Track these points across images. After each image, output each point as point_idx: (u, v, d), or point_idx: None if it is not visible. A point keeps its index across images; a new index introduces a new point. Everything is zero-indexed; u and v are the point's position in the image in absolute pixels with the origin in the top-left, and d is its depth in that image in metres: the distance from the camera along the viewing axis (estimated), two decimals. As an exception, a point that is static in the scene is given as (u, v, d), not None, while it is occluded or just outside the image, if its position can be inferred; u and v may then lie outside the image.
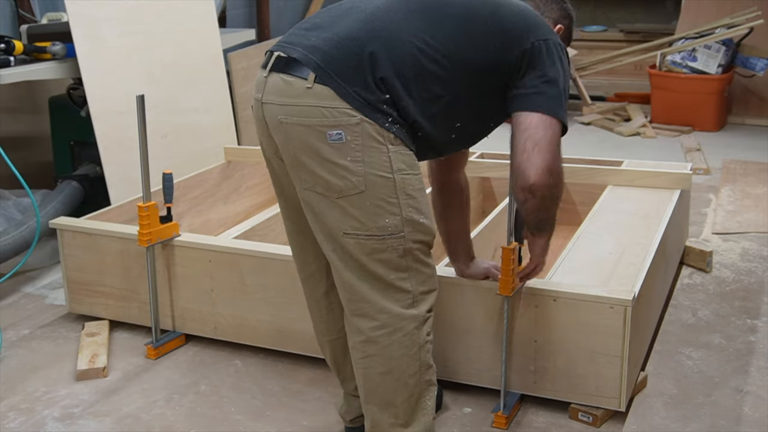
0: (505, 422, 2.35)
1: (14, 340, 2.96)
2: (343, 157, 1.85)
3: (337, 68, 1.84)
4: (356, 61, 1.85)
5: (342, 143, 1.84)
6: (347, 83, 1.84)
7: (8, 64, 3.37)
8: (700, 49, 5.94)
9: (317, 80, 1.84)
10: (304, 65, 1.86)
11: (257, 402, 2.54)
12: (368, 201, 1.87)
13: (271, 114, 1.91)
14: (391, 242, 1.90)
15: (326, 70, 1.84)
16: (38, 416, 2.48)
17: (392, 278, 1.93)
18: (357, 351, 2.01)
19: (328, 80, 1.83)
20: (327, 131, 1.84)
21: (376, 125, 1.85)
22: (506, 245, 2.25)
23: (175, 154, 3.80)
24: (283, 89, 1.88)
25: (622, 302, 2.26)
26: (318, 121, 1.84)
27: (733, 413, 2.39)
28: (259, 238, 3.06)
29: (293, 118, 1.87)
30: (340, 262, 1.94)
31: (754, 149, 5.42)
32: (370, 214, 1.87)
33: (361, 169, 1.85)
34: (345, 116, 1.83)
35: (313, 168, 1.87)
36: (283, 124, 1.88)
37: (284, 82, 1.88)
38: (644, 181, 3.36)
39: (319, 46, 1.88)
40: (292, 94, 1.87)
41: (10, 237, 3.25)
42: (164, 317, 2.89)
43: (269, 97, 1.92)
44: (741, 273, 3.38)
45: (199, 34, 4.06)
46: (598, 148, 5.48)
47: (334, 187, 1.87)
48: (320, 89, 1.84)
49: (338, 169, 1.85)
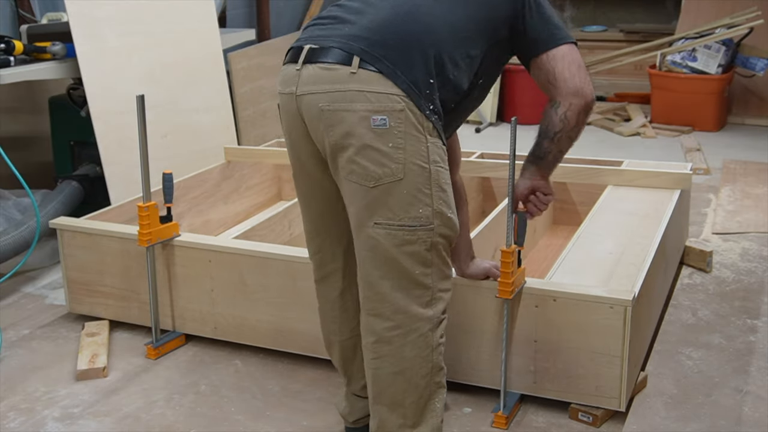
0: (505, 422, 2.35)
1: (14, 340, 2.96)
2: (385, 143, 1.85)
3: (383, 51, 1.86)
4: (401, 44, 1.87)
5: (385, 129, 1.84)
6: (394, 65, 1.85)
7: (8, 64, 3.37)
8: (700, 49, 5.94)
9: (361, 65, 1.85)
10: (345, 52, 1.86)
11: (257, 402, 2.54)
12: (405, 189, 1.87)
13: (311, 103, 1.89)
14: (421, 234, 1.90)
15: (372, 53, 1.85)
16: (38, 416, 2.48)
17: (417, 273, 1.93)
18: (369, 351, 2.01)
19: (374, 62, 1.85)
20: (371, 116, 1.84)
21: (418, 112, 1.86)
22: (506, 248, 2.25)
23: (175, 154, 3.80)
24: (323, 76, 1.87)
25: (622, 302, 2.27)
26: (362, 106, 1.84)
27: (733, 413, 2.39)
28: (259, 238, 3.06)
29: (336, 104, 1.86)
30: (368, 253, 1.93)
31: (754, 149, 5.42)
32: (404, 203, 1.88)
33: (402, 156, 1.85)
34: (390, 101, 1.84)
35: (352, 155, 1.86)
36: (325, 112, 1.87)
37: (325, 70, 1.87)
38: (644, 181, 3.36)
39: (357, 33, 1.89)
40: (334, 80, 1.86)
41: (10, 237, 3.25)
42: (164, 317, 2.89)
43: (306, 87, 1.90)
44: (741, 273, 3.38)
45: (199, 34, 4.06)
46: (598, 148, 5.48)
47: (372, 175, 1.86)
48: (365, 74, 1.84)
49: (379, 156, 1.85)
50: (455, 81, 1.94)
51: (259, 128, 5.37)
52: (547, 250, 3.58)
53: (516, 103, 6.10)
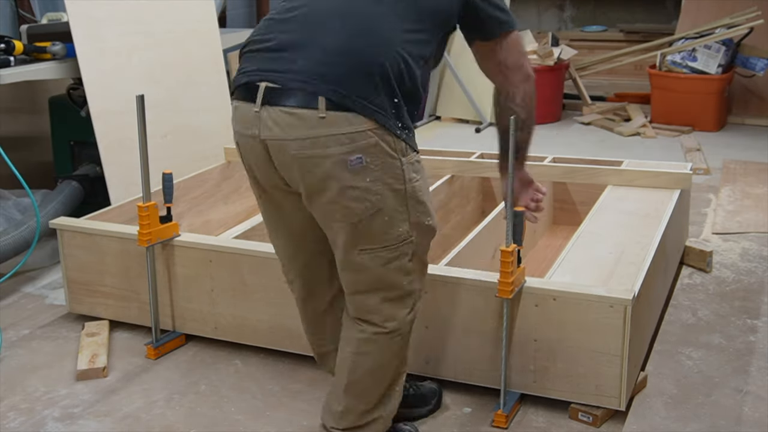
0: (505, 421, 2.35)
1: (14, 340, 2.96)
2: (363, 180, 1.85)
3: (347, 84, 1.81)
4: (361, 68, 1.82)
5: (362, 166, 1.84)
6: (360, 96, 1.81)
7: (8, 64, 3.37)
8: (700, 49, 5.94)
9: (329, 107, 1.80)
10: (309, 93, 1.81)
11: (257, 402, 2.54)
12: (386, 216, 1.90)
13: (281, 149, 1.86)
14: (403, 248, 1.94)
15: (337, 90, 1.80)
16: (38, 416, 2.48)
17: (404, 283, 1.98)
18: (351, 346, 2.04)
19: (341, 101, 1.80)
20: (348, 158, 1.82)
21: (390, 138, 1.85)
22: (505, 247, 2.25)
23: (175, 154, 3.80)
24: (291, 123, 1.83)
25: (622, 301, 2.27)
26: (337, 149, 1.82)
27: (733, 413, 2.39)
28: (259, 238, 3.06)
29: (309, 151, 1.83)
30: (354, 276, 1.97)
31: (754, 149, 5.42)
32: (385, 227, 1.91)
33: (380, 187, 1.87)
34: (363, 138, 1.82)
35: (333, 197, 1.87)
36: (298, 159, 1.84)
37: (290, 115, 1.83)
38: (644, 181, 3.36)
39: (314, 69, 1.82)
40: (303, 126, 1.82)
41: (10, 237, 3.25)
42: (164, 317, 2.89)
43: (271, 132, 1.85)
44: (741, 273, 3.38)
45: (199, 34, 4.06)
46: (598, 148, 5.48)
47: (355, 212, 1.88)
48: (334, 116, 1.81)
49: (359, 192, 1.86)
50: (414, 86, 1.92)
51: (259, 128, 5.37)
52: (547, 250, 3.58)
53: (516, 103, 6.10)
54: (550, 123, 6.28)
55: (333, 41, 1.85)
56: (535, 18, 8.66)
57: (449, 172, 3.64)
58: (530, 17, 8.60)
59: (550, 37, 6.58)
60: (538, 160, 3.59)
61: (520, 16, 8.34)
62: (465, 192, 3.79)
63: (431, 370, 2.54)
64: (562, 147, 5.51)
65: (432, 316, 2.48)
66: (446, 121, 6.40)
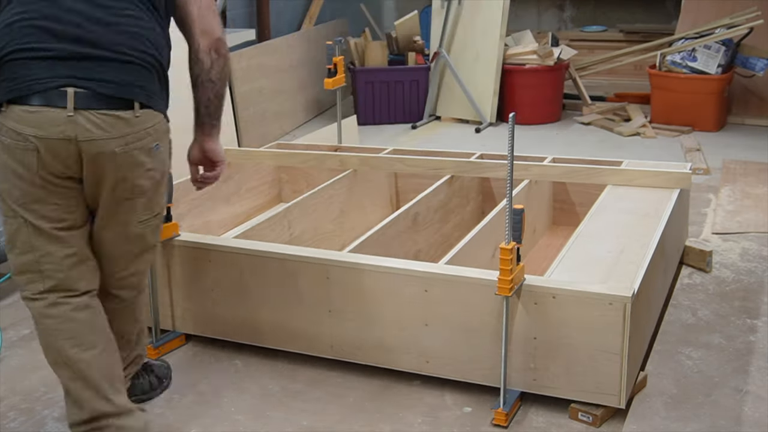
0: (505, 419, 2.35)
1: (14, 340, 2.96)
2: (159, 161, 2.16)
3: (147, 83, 2.08)
4: (143, 66, 2.07)
5: (160, 151, 2.15)
6: (154, 92, 2.10)
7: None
8: (700, 49, 5.95)
9: (142, 107, 2.07)
10: (124, 99, 2.03)
11: (257, 402, 2.54)
12: (162, 188, 2.23)
13: (102, 148, 2.03)
14: (160, 214, 2.29)
15: (143, 92, 2.06)
16: (38, 416, 2.48)
17: (156, 241, 2.33)
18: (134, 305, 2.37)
19: (147, 100, 2.08)
20: (153, 146, 2.12)
21: (167, 121, 2.18)
22: (505, 245, 2.25)
23: (175, 154, 3.78)
24: (113, 124, 2.03)
25: (621, 299, 2.27)
26: (148, 141, 2.10)
27: (733, 413, 2.40)
28: (259, 237, 3.06)
29: (130, 146, 2.06)
30: (129, 246, 2.22)
31: (754, 149, 5.42)
32: (160, 197, 2.24)
33: (167, 163, 2.21)
34: (164, 127, 2.16)
35: (134, 180, 2.11)
36: (119, 155, 2.06)
37: (111, 117, 2.03)
38: (644, 181, 3.36)
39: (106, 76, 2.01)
40: (124, 125, 2.04)
41: (10, 237, 3.25)
42: (164, 317, 2.89)
43: (93, 134, 2.01)
44: (741, 273, 3.38)
45: (199, 35, 4.05)
46: (598, 148, 5.48)
47: (144, 188, 2.14)
48: (146, 114, 2.08)
49: (153, 172, 2.14)
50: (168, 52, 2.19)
51: (259, 128, 5.38)
52: (547, 249, 3.58)
53: (516, 103, 6.10)
54: (550, 123, 6.28)
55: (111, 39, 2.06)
56: (535, 18, 8.67)
57: (449, 173, 3.64)
58: (530, 17, 8.61)
59: (550, 37, 6.59)
60: (538, 160, 3.60)
61: (520, 16, 8.35)
62: (465, 192, 3.79)
63: (431, 368, 2.54)
64: (562, 147, 5.52)
65: (432, 315, 2.49)
66: (446, 121, 6.40)
